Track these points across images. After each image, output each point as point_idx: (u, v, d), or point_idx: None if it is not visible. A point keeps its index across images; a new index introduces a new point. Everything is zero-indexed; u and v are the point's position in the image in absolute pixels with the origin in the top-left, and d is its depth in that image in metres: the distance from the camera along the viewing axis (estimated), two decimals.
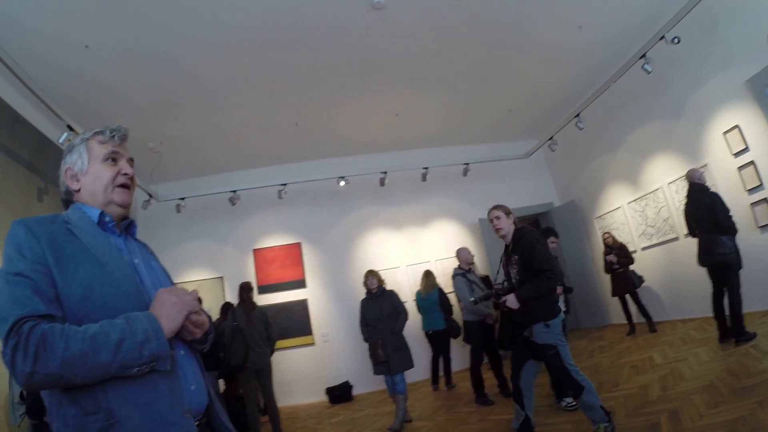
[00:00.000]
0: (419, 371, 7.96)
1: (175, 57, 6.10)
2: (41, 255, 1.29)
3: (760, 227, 6.38)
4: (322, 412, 7.78)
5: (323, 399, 8.70)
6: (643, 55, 6.65)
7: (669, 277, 8.11)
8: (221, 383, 7.18)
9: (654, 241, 8.37)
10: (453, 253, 7.05)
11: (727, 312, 5.50)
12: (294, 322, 9.23)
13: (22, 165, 5.84)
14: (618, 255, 8.18)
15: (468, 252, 6.63)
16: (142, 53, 5.92)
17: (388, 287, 6.23)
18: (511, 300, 3.90)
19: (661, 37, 6.29)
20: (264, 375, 6.09)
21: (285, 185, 8.80)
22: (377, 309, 5.92)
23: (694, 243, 5.91)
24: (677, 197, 7.54)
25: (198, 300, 1.48)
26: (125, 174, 1.58)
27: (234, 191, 8.76)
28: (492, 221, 4.16)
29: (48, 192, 6.27)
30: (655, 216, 8.25)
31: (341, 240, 9.93)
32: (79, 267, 1.32)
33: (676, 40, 6.12)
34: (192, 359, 1.51)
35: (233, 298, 7.68)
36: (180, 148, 8.49)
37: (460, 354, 8.21)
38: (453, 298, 7.62)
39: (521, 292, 3.86)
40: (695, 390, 4.23)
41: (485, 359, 6.20)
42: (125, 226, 1.62)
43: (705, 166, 6.98)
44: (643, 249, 8.62)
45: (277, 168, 9.89)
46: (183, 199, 8.70)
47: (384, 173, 9.17)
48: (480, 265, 9.11)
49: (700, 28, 6.58)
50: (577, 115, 8.21)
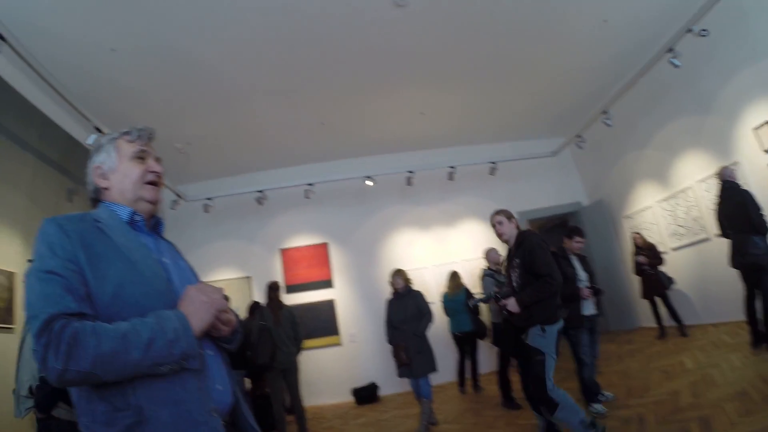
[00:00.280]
0: (446, 373, 7.95)
1: (199, 58, 6.22)
2: (73, 253, 1.30)
3: None
4: (348, 412, 7.83)
5: (349, 399, 8.75)
6: (671, 49, 6.48)
7: (700, 279, 7.89)
8: (247, 382, 7.26)
9: (684, 242, 8.17)
10: (480, 253, 7.03)
11: (760, 316, 5.37)
12: (321, 321, 9.31)
13: (51, 166, 6.11)
14: (647, 256, 8.02)
15: (496, 252, 6.61)
16: (166, 56, 6.06)
17: (415, 287, 6.17)
18: (512, 304, 3.92)
19: (689, 30, 6.11)
20: (291, 374, 6.10)
21: (312, 185, 8.89)
22: (402, 310, 5.88)
23: (726, 243, 5.79)
24: (708, 196, 7.31)
25: (225, 298, 1.49)
26: (153, 171, 1.61)
27: (261, 191, 8.88)
28: (494, 226, 4.21)
29: (77, 192, 6.50)
30: (686, 215, 8.05)
31: (368, 240, 9.97)
32: (110, 265, 1.33)
33: (703, 32, 5.93)
34: (219, 359, 1.51)
35: (261, 297, 7.74)
36: (206, 148, 8.65)
37: (487, 356, 8.17)
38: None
39: (522, 296, 3.88)
40: (727, 397, 4.14)
41: (513, 362, 6.16)
42: (153, 224, 1.64)
43: (736, 163, 6.76)
44: (674, 249, 8.41)
45: (304, 167, 9.98)
46: (210, 199, 8.84)
47: (411, 172, 9.17)
48: None
49: (728, 19, 6.39)
50: (605, 112, 8.07)
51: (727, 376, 4.76)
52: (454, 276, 7.88)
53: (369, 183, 9.12)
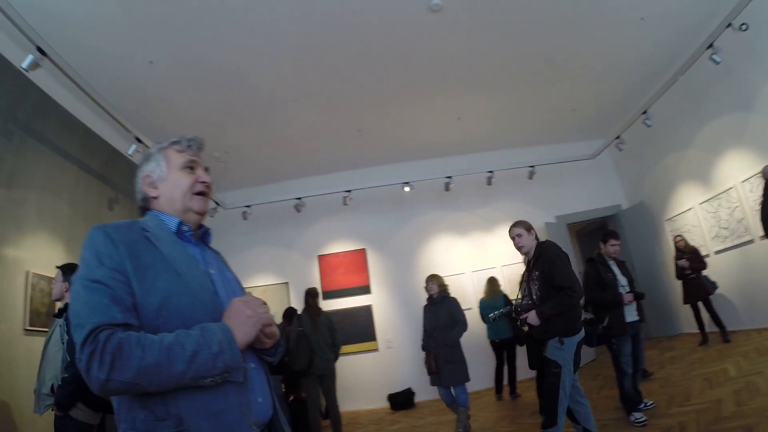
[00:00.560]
0: (483, 380, 7.91)
1: (235, 69, 6.40)
2: (120, 263, 1.30)
3: None
4: (383, 418, 7.87)
5: (385, 405, 8.79)
6: (710, 45, 6.29)
7: (744, 283, 7.61)
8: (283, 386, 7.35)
9: (728, 244, 7.89)
10: (519, 259, 6.96)
11: None
12: (358, 327, 9.40)
13: (93, 175, 6.41)
14: (690, 259, 7.75)
15: None
16: (203, 67, 6.26)
17: (452, 294, 6.14)
18: (532, 317, 3.88)
19: (728, 25, 5.92)
20: (327, 380, 6.14)
21: (349, 191, 8.97)
22: (434, 316, 5.88)
23: None
24: (752, 196, 7.07)
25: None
26: (203, 182, 1.63)
27: (299, 198, 9.02)
28: (513, 239, 4.19)
29: (118, 201, 6.77)
30: (729, 217, 7.77)
31: (406, 246, 10.01)
32: (158, 277, 1.33)
33: (744, 26, 5.75)
34: (261, 371, 1.51)
35: (298, 303, 7.85)
36: (244, 157, 8.86)
37: (525, 363, 8.06)
38: None
39: (542, 309, 3.82)
40: None
41: None
42: (201, 234, 1.66)
43: None
44: (717, 253, 8.14)
45: (341, 174, 10.11)
46: (249, 207, 9.03)
47: (449, 178, 9.16)
48: None
49: None
50: (644, 112, 7.91)
51: None
52: (491, 281, 7.84)
53: (407, 189, 9.15)
